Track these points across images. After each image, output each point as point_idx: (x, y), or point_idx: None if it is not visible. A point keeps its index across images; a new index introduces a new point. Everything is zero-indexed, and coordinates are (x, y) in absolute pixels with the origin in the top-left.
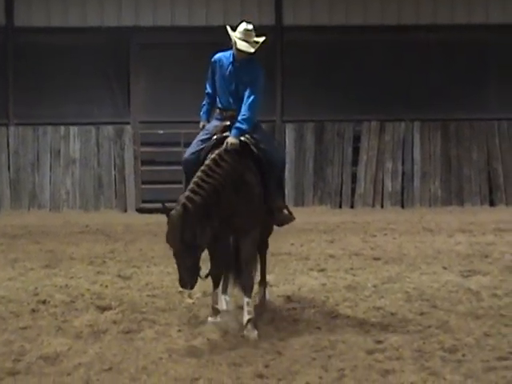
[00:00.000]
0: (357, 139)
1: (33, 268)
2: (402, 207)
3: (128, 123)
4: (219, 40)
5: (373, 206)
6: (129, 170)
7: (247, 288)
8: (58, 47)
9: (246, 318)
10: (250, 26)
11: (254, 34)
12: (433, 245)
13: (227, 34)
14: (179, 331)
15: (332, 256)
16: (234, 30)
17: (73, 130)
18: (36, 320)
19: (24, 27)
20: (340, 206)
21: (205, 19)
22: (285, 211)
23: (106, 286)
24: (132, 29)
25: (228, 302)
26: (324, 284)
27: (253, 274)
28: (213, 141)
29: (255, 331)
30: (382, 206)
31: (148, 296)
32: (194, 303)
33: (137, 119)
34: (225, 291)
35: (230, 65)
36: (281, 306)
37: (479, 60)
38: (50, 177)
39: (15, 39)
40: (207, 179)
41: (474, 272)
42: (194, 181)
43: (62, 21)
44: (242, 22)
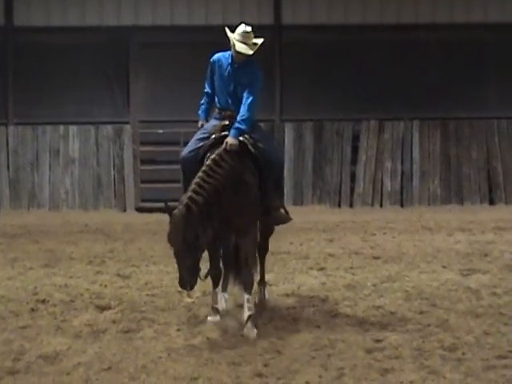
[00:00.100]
0: (356, 138)
1: (32, 267)
2: (402, 206)
3: (127, 122)
4: (218, 39)
5: (372, 205)
6: (128, 170)
7: (247, 285)
8: (58, 47)
9: (247, 315)
10: (249, 28)
11: (253, 36)
12: (432, 243)
13: (226, 36)
14: (178, 330)
15: (331, 255)
16: (233, 31)
17: (72, 130)
18: (35, 319)
19: (23, 27)
20: (339, 205)
21: (204, 18)
22: (282, 211)
23: (106, 286)
24: (131, 28)
25: (227, 300)
26: (323, 283)
27: (253, 271)
28: (211, 140)
29: (254, 330)
30: (381, 205)
31: (147, 295)
32: (194, 302)
33: (136, 118)
34: (225, 289)
35: (229, 66)
36: (280, 305)
37: (478, 59)
38: (50, 176)
39: (14, 39)
40: (208, 179)
41: (474, 271)
42: (196, 181)
43: (62, 20)
44: (241, 24)
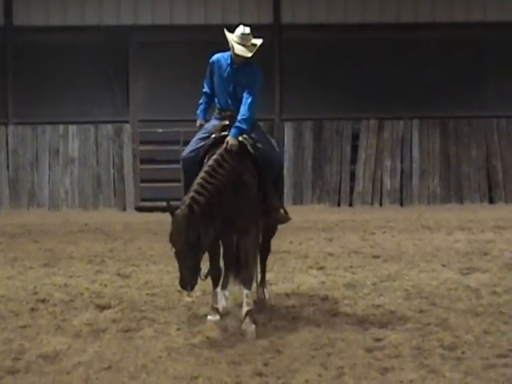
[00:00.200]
0: (355, 137)
1: (32, 267)
2: (401, 205)
3: (127, 122)
4: (218, 39)
5: (371, 204)
6: (128, 169)
7: (247, 280)
8: (57, 46)
9: (245, 310)
10: (247, 30)
11: (252, 37)
12: (432, 242)
13: (225, 37)
14: (178, 330)
15: (331, 254)
16: (232, 32)
17: (72, 129)
18: (35, 319)
19: (23, 26)
20: (339, 205)
21: (203, 18)
22: (281, 211)
23: (106, 285)
24: (131, 27)
25: (228, 298)
26: (323, 282)
27: (253, 268)
28: (211, 139)
29: (253, 325)
30: (381, 204)
31: (147, 295)
32: (194, 302)
33: (136, 118)
34: (225, 287)
35: (228, 66)
36: (280, 305)
37: (478, 58)
38: (49, 176)
39: (14, 38)
40: (211, 180)
41: (474, 269)
42: (198, 181)
43: (61, 20)
44: (240, 26)
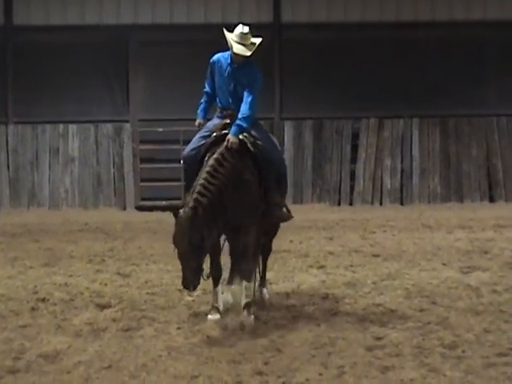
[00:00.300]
0: (355, 136)
1: (32, 266)
2: (401, 204)
3: (127, 121)
4: (218, 38)
5: (372, 203)
6: (128, 168)
7: (246, 272)
8: (57, 45)
9: (244, 302)
10: (246, 29)
11: (251, 36)
12: (432, 241)
13: (224, 36)
14: (179, 329)
15: (331, 253)
16: (232, 31)
17: (72, 129)
18: (36, 318)
19: (23, 26)
20: (339, 204)
21: (203, 17)
22: (283, 209)
23: (106, 284)
24: (131, 27)
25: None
26: (323, 281)
27: (252, 261)
28: (212, 138)
29: (251, 317)
30: (381, 203)
31: (147, 294)
32: (194, 301)
33: (136, 117)
34: (231, 282)
35: (229, 66)
36: (280, 304)
37: (477, 56)
38: (49, 175)
39: (14, 38)
40: (212, 180)
41: (474, 268)
42: (200, 182)
43: (61, 19)
44: (239, 25)
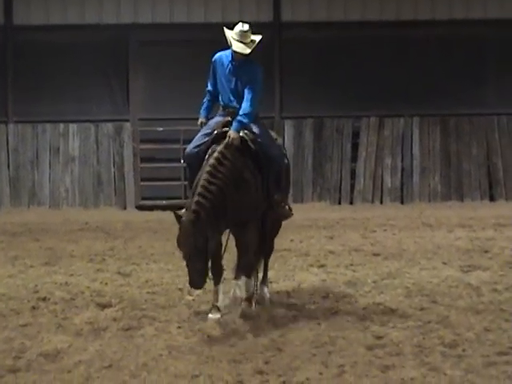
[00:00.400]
0: (356, 135)
1: (33, 265)
2: (402, 203)
3: (127, 120)
4: (218, 37)
5: (372, 202)
6: (128, 168)
7: (246, 267)
8: (57, 45)
9: (244, 296)
10: (246, 27)
11: (250, 34)
12: (432, 240)
13: (224, 35)
14: (179, 328)
15: (332, 252)
16: (232, 29)
17: (72, 128)
18: (36, 317)
19: (23, 25)
20: (339, 203)
21: (203, 16)
22: (286, 206)
23: (106, 284)
24: (131, 26)
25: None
26: (324, 280)
27: (252, 257)
28: (213, 135)
29: (252, 306)
30: (382, 202)
31: (148, 293)
32: (194, 300)
33: (136, 116)
34: (238, 277)
35: (230, 64)
36: (281, 303)
37: (478, 55)
38: (50, 174)
39: (14, 37)
40: (213, 180)
41: (474, 267)
42: (201, 184)
43: (61, 19)
44: (239, 23)
